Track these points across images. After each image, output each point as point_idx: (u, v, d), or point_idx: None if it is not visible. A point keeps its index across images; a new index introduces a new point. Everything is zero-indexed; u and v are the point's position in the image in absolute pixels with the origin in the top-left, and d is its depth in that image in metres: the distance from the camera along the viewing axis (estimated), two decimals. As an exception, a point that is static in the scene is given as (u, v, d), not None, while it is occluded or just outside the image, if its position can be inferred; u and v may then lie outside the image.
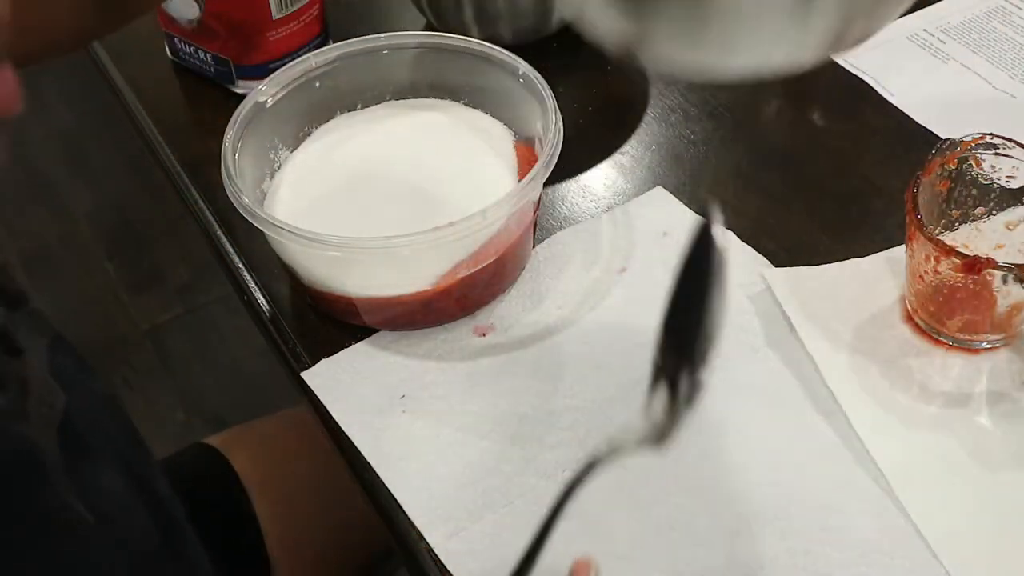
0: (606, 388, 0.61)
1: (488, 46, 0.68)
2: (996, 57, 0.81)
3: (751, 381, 0.61)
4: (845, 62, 0.82)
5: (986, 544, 0.54)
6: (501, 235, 0.62)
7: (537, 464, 0.58)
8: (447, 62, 0.70)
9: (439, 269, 0.62)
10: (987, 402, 0.59)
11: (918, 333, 0.62)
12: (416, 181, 0.67)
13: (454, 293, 0.63)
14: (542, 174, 0.61)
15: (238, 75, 0.81)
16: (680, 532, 0.55)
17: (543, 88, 0.65)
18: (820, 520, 0.55)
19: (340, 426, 0.60)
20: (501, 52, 0.68)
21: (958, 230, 0.63)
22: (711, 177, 0.74)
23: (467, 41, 0.69)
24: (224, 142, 0.63)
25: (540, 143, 0.66)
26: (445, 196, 0.65)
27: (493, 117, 0.71)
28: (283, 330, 0.66)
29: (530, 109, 0.67)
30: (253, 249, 0.70)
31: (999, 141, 0.60)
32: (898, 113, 0.78)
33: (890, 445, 0.58)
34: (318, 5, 0.81)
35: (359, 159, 0.69)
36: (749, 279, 0.66)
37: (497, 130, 0.70)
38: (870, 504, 0.55)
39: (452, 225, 0.58)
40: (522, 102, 0.68)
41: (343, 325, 0.65)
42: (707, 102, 0.80)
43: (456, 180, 0.67)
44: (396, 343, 0.64)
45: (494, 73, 0.68)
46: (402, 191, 0.67)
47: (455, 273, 0.62)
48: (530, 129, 0.68)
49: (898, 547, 0.54)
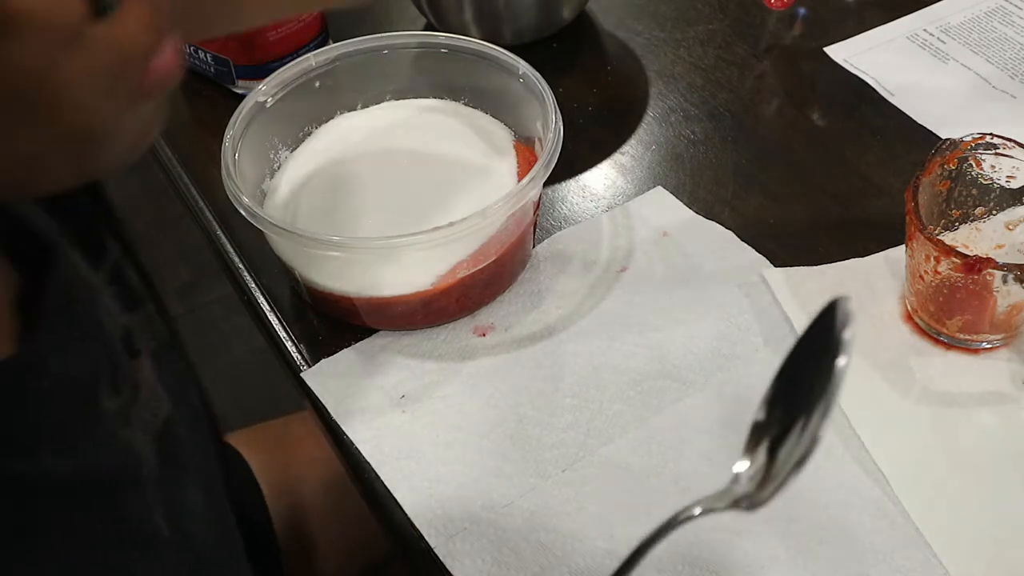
0: (606, 388, 0.61)
1: (488, 46, 0.68)
2: (996, 57, 0.81)
3: (751, 382, 0.61)
4: (845, 62, 0.82)
5: (986, 544, 0.54)
6: (501, 235, 0.62)
7: (537, 464, 0.58)
8: (447, 62, 0.70)
9: (439, 269, 0.62)
10: (987, 402, 0.59)
11: (918, 333, 0.62)
12: (416, 181, 0.67)
13: (454, 293, 0.63)
14: (542, 174, 0.61)
15: (238, 75, 0.81)
16: (680, 532, 0.55)
17: (543, 88, 0.65)
18: (820, 520, 0.55)
19: (340, 426, 0.60)
20: (501, 52, 0.68)
21: (958, 230, 0.63)
22: (711, 177, 0.74)
23: (467, 41, 0.69)
24: (224, 142, 0.63)
25: (540, 143, 0.66)
26: (445, 196, 0.65)
27: (493, 117, 0.71)
28: (283, 330, 0.66)
29: (530, 109, 0.67)
30: (253, 249, 0.70)
31: (999, 141, 0.60)
32: (898, 113, 0.78)
33: (890, 445, 0.58)
34: (318, 5, 0.82)
35: (359, 159, 0.69)
36: (749, 279, 0.66)
37: (497, 130, 0.70)
38: (870, 504, 0.55)
39: (452, 225, 0.58)
40: (522, 102, 0.68)
41: (343, 325, 0.65)
42: (707, 102, 0.80)
43: (456, 180, 0.67)
44: (396, 343, 0.64)
45: (494, 73, 0.68)
46: (402, 191, 0.67)
47: (455, 273, 0.62)
48: (530, 129, 0.68)
49: (898, 547, 0.54)
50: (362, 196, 0.67)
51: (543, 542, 0.55)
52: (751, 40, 0.85)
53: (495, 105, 0.71)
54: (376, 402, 0.61)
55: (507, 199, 0.59)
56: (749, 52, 0.84)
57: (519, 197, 0.60)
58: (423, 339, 0.64)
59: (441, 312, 0.64)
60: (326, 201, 0.66)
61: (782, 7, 0.86)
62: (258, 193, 0.67)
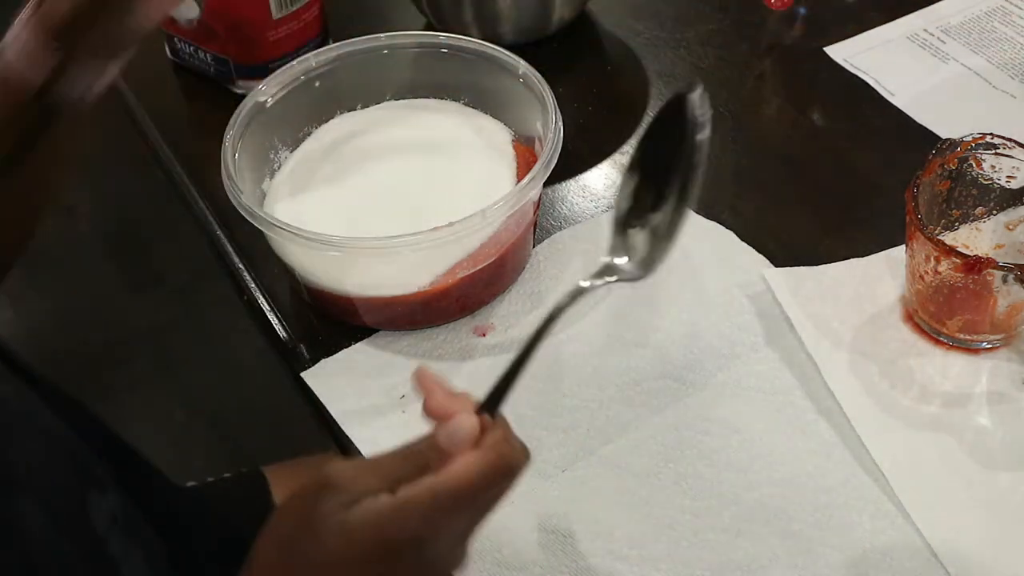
0: (606, 388, 0.61)
1: (488, 46, 0.68)
2: (996, 57, 0.81)
3: (751, 382, 0.61)
4: (845, 62, 0.82)
5: (986, 544, 0.54)
6: (501, 235, 0.62)
7: (537, 464, 0.58)
8: (447, 62, 0.70)
9: (438, 269, 0.62)
10: (987, 402, 0.59)
11: (918, 333, 0.62)
12: (416, 181, 0.67)
13: (454, 293, 0.63)
14: (541, 174, 0.61)
15: (238, 75, 0.81)
16: (680, 532, 0.55)
17: (543, 88, 0.65)
18: (820, 520, 0.55)
19: (340, 426, 0.60)
20: (501, 52, 0.68)
21: (958, 230, 0.63)
22: (711, 177, 0.73)
23: (467, 41, 0.69)
24: (224, 142, 0.63)
25: (540, 143, 0.66)
26: (444, 196, 0.65)
27: (493, 117, 0.71)
28: (283, 330, 0.66)
29: (530, 109, 0.67)
30: (253, 249, 0.70)
31: (999, 141, 0.60)
32: (898, 113, 0.78)
33: (890, 445, 0.57)
34: (318, 5, 0.81)
35: (359, 159, 0.69)
36: (749, 279, 0.66)
37: (497, 130, 0.70)
38: (870, 504, 0.55)
39: (451, 225, 0.58)
40: (522, 102, 0.68)
41: (343, 325, 0.65)
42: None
43: (456, 180, 0.67)
44: (396, 343, 0.64)
45: (494, 73, 0.68)
46: (402, 191, 0.67)
47: (454, 273, 0.62)
48: (530, 129, 0.68)
49: (898, 547, 0.54)
50: (361, 196, 0.66)
51: (544, 542, 0.55)
52: (751, 40, 0.85)
53: (495, 105, 0.71)
54: (376, 402, 0.61)
55: (507, 200, 0.59)
56: (749, 52, 0.84)
57: (519, 197, 0.60)
58: (423, 339, 0.64)
59: (441, 312, 0.64)
60: (326, 201, 0.66)
61: (782, 7, 0.86)
62: (258, 193, 0.67)
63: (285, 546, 0.42)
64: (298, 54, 0.72)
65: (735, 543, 0.55)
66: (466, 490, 0.41)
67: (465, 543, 0.44)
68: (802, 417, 0.59)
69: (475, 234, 0.61)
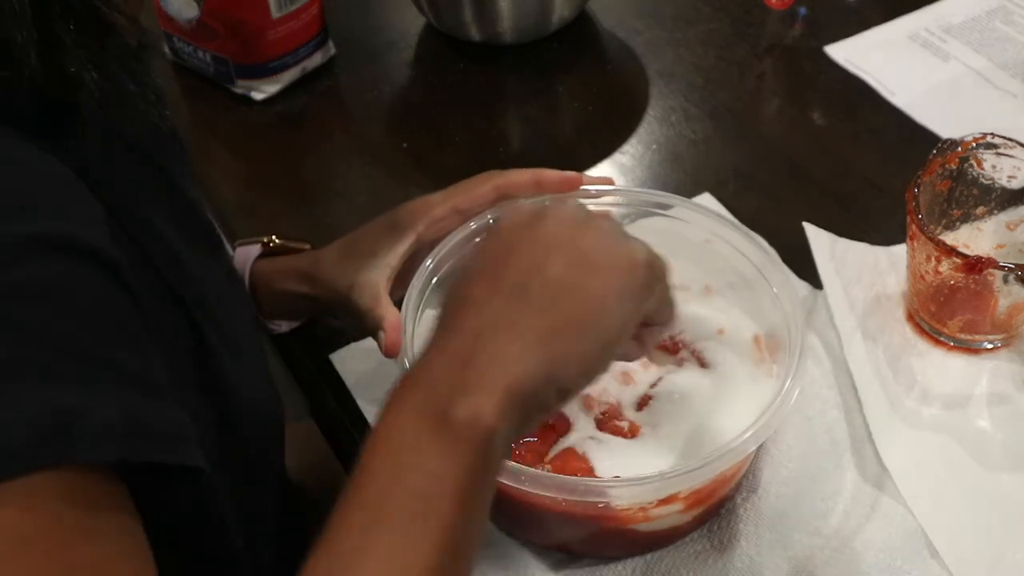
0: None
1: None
2: (997, 56, 0.81)
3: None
4: (845, 62, 0.82)
5: (986, 544, 0.54)
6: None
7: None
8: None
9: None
10: (988, 403, 0.59)
11: (919, 333, 0.62)
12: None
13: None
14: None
15: (237, 75, 0.80)
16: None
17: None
18: (820, 523, 0.55)
19: (361, 409, 0.60)
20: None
21: (959, 230, 0.63)
22: (711, 177, 0.74)
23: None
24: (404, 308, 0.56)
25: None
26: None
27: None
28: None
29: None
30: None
31: (1000, 141, 0.60)
32: (898, 113, 0.77)
33: (891, 445, 0.57)
34: (317, 4, 0.81)
35: None
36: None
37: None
38: (870, 504, 0.55)
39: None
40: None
41: (343, 325, 0.65)
42: (707, 102, 0.80)
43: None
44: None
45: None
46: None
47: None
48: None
49: (899, 547, 0.54)
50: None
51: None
52: (751, 40, 0.85)
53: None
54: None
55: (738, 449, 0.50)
56: (749, 52, 0.84)
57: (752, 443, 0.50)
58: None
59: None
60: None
61: (782, 7, 0.86)
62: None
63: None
64: (297, 53, 0.71)
65: (735, 544, 0.54)
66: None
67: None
68: (802, 416, 0.59)
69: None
